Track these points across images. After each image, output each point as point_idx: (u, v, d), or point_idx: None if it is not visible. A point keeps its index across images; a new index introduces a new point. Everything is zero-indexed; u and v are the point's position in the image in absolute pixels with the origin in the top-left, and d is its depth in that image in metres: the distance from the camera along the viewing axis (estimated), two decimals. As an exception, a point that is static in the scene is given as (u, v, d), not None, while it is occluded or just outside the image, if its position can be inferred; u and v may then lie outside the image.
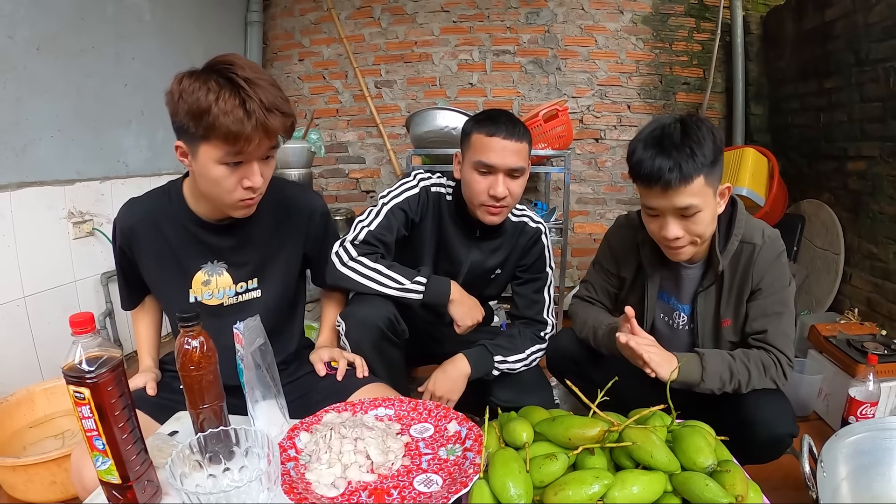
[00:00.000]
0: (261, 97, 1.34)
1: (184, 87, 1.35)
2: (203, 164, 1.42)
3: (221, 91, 1.32)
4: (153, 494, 1.16)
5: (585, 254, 4.66)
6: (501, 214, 1.98)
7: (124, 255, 1.68)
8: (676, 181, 1.54)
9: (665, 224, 1.64)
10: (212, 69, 1.38)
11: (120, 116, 3.31)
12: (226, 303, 1.67)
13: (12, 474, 2.00)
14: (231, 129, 1.32)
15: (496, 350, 2.01)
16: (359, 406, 1.53)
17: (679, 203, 1.57)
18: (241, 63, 1.38)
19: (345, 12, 4.70)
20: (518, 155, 1.90)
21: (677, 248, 1.69)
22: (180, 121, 1.38)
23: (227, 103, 1.32)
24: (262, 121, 1.35)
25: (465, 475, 1.19)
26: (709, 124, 1.60)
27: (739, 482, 1.15)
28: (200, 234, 1.62)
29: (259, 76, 1.38)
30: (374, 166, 4.90)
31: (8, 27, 2.59)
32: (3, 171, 2.61)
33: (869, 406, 2.18)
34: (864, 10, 3.13)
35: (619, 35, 4.46)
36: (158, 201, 1.65)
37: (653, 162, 1.56)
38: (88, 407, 1.03)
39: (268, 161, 1.50)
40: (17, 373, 2.62)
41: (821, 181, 3.70)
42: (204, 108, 1.31)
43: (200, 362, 1.22)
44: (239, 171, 1.43)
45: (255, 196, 1.51)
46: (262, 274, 1.71)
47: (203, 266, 1.64)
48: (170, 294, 1.69)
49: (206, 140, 1.36)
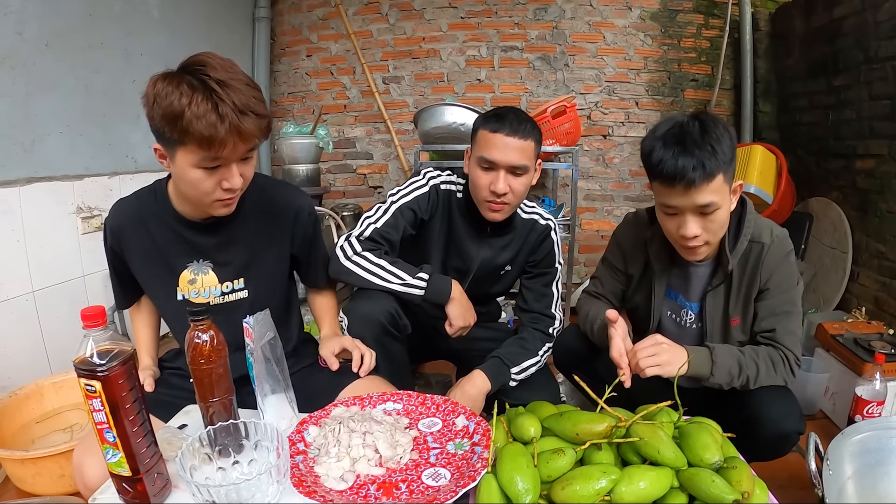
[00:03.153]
0: (234, 99, 1.32)
1: (157, 90, 1.33)
2: (181, 168, 1.41)
3: (194, 94, 1.30)
4: (163, 487, 1.16)
5: (592, 250, 4.66)
6: (503, 211, 1.99)
7: (115, 255, 1.68)
8: (700, 179, 1.52)
9: (684, 222, 1.63)
10: (185, 70, 1.36)
11: (128, 112, 3.31)
12: (212, 301, 1.67)
13: (21, 467, 2.02)
14: (204, 134, 1.30)
15: (511, 361, 2.01)
16: (367, 400, 1.54)
17: (700, 201, 1.56)
18: (213, 63, 1.36)
19: (352, 8, 4.71)
20: (521, 152, 1.90)
21: (693, 248, 1.68)
22: (156, 125, 1.37)
23: (200, 107, 1.29)
24: (236, 124, 1.32)
25: (473, 469, 1.20)
26: (723, 122, 1.60)
27: (746, 479, 1.15)
28: (185, 232, 1.62)
29: (232, 77, 1.36)
30: (381, 162, 4.91)
31: (17, 24, 2.60)
32: (12, 166, 2.63)
33: (875, 405, 2.18)
34: (873, 8, 3.12)
35: (627, 31, 4.46)
36: (145, 201, 1.65)
37: (676, 161, 1.54)
38: (100, 400, 1.03)
39: (247, 161, 1.48)
40: (26, 367, 2.63)
41: (829, 179, 3.69)
42: (177, 113, 1.30)
43: (210, 356, 1.23)
44: (217, 174, 1.41)
45: (235, 195, 1.50)
46: (247, 274, 1.70)
47: (189, 265, 1.65)
48: (158, 292, 1.70)
49: (182, 144, 1.35)
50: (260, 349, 1.35)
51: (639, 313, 2.00)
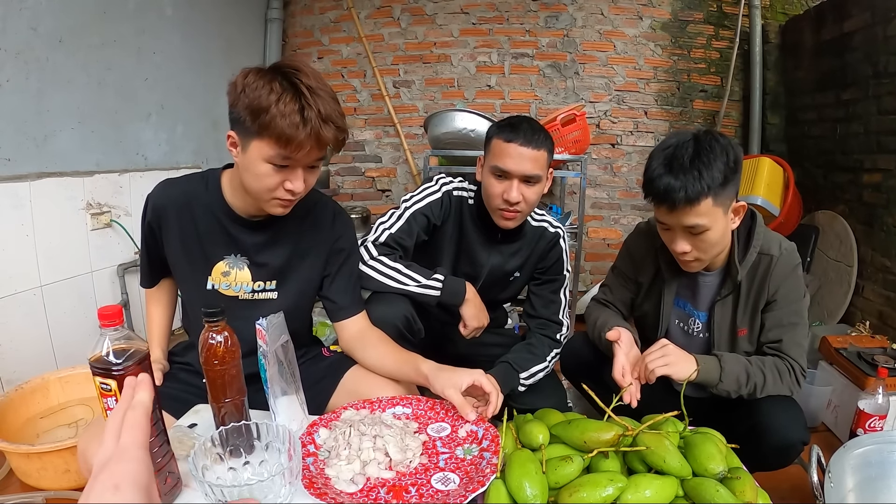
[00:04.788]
0: (320, 107, 1.36)
1: (248, 81, 1.38)
2: (251, 159, 1.44)
3: (284, 93, 1.35)
4: (174, 486, 1.17)
5: (599, 258, 4.68)
6: (516, 219, 2.01)
7: (151, 233, 1.69)
8: (682, 203, 1.57)
9: (674, 238, 1.69)
10: (278, 70, 1.40)
11: (140, 110, 3.34)
12: (241, 296, 1.69)
13: (26, 461, 2.02)
14: (285, 132, 1.34)
15: (519, 366, 2.04)
16: (377, 404, 1.55)
17: (686, 222, 1.61)
18: (306, 71, 1.41)
19: (364, 11, 4.73)
20: (534, 162, 1.92)
21: (686, 262, 1.74)
22: (238, 113, 1.40)
23: (287, 107, 1.34)
24: (317, 130, 1.36)
25: (482, 474, 1.21)
26: (725, 143, 1.61)
27: (749, 489, 1.16)
28: (229, 226, 1.64)
29: (321, 87, 1.40)
30: (390, 165, 4.92)
31: (31, 19, 2.62)
32: (23, 161, 2.64)
33: (878, 419, 2.19)
34: (884, 23, 3.14)
35: (637, 41, 4.47)
36: (195, 186, 1.66)
37: (660, 181, 1.60)
38: (115, 398, 1.05)
39: (314, 170, 1.51)
40: (32, 361, 2.65)
41: (836, 192, 3.70)
42: (264, 107, 1.34)
43: (224, 357, 1.24)
44: (283, 173, 1.44)
45: (295, 198, 1.53)
46: (280, 278, 1.72)
47: (226, 257, 1.66)
48: (188, 277, 1.71)
49: (260, 137, 1.39)
50: (273, 352, 1.36)
51: (647, 321, 2.02)
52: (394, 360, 1.71)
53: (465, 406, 1.45)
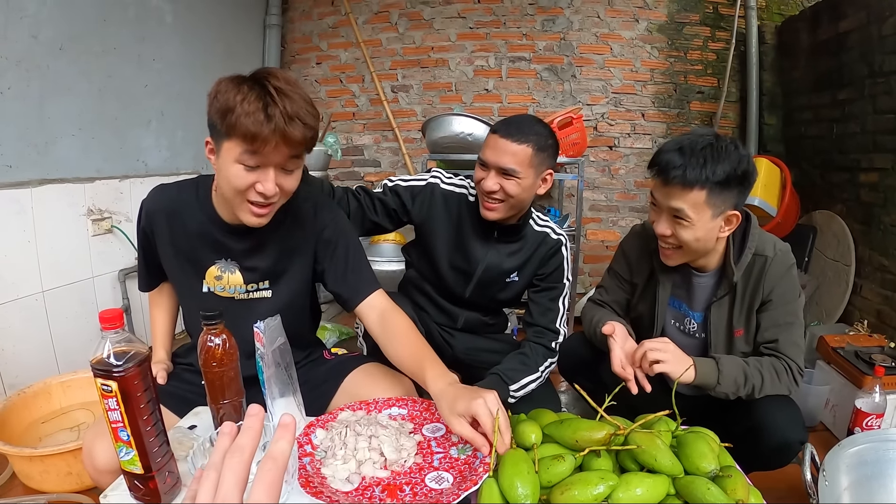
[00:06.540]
0: (286, 105, 1.37)
1: (220, 88, 1.40)
2: (224, 162, 1.44)
3: (249, 93, 1.36)
4: (173, 485, 1.19)
5: (597, 261, 4.69)
6: (497, 211, 2.00)
7: (146, 238, 1.71)
8: (676, 181, 1.60)
9: (659, 218, 1.73)
10: (250, 76, 1.42)
11: (140, 116, 3.37)
12: (237, 297, 1.70)
13: (29, 464, 2.04)
14: (250, 129, 1.35)
15: (510, 378, 1.98)
16: (373, 405, 1.57)
17: (673, 203, 1.64)
18: (277, 74, 1.42)
19: (363, 17, 4.75)
20: (512, 156, 1.92)
21: (664, 251, 1.78)
22: (211, 118, 1.43)
23: (251, 105, 1.35)
24: (281, 127, 1.37)
25: (475, 473, 1.22)
26: (743, 154, 1.63)
27: (741, 487, 1.17)
28: (217, 232, 1.65)
29: (292, 89, 1.41)
30: (389, 170, 4.94)
31: (32, 27, 2.65)
32: (25, 167, 2.67)
33: (875, 417, 2.20)
34: (879, 22, 3.15)
35: (634, 43, 4.49)
36: (186, 192, 1.68)
37: (667, 154, 1.64)
38: (115, 399, 1.06)
39: (288, 173, 1.51)
40: (34, 366, 2.67)
41: (833, 192, 3.71)
42: (230, 107, 1.35)
43: (222, 359, 1.27)
44: (254, 174, 1.44)
45: (268, 206, 1.51)
46: (273, 278, 1.73)
47: (217, 262, 1.67)
48: (183, 281, 1.73)
49: (228, 138, 1.40)
50: (270, 354, 1.37)
51: (643, 322, 2.02)
52: (410, 363, 1.60)
53: (477, 439, 1.27)
